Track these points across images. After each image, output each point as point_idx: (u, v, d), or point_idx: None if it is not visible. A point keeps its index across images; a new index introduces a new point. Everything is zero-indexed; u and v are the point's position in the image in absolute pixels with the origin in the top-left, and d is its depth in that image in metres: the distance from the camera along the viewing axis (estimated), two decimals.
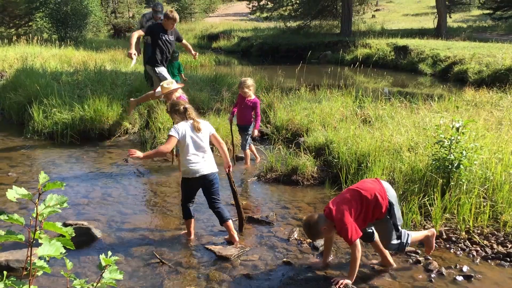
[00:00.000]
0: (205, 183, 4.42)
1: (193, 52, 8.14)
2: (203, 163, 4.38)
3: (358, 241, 3.64)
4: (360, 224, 3.69)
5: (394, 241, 3.83)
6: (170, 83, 6.02)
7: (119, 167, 6.77)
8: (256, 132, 6.80)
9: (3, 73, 15.73)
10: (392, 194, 3.82)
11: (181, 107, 4.49)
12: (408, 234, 3.89)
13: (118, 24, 39.12)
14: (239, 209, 4.76)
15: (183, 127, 4.39)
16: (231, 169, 4.73)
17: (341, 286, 3.63)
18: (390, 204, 3.73)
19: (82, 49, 20.21)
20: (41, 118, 8.30)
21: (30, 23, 27.23)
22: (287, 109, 8.54)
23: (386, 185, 3.84)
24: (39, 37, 21.10)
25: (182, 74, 9.04)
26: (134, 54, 7.31)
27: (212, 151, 4.67)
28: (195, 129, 4.38)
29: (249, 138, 6.89)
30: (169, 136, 4.34)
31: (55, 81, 10.59)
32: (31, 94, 9.17)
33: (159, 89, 6.31)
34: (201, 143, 4.39)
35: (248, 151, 6.97)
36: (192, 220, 4.59)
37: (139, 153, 4.22)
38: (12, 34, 23.84)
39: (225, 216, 4.45)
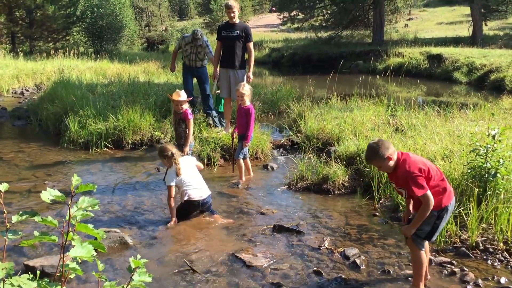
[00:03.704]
0: (203, 206, 5.23)
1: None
2: (199, 191, 5.18)
3: (430, 193, 3.39)
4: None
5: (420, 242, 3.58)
6: (181, 93, 6.33)
7: (151, 176, 6.86)
8: (246, 144, 6.52)
9: (41, 86, 16.31)
10: (453, 202, 3.61)
11: (169, 153, 5.08)
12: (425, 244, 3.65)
13: (152, 37, 40.01)
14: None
15: (174, 172, 5.06)
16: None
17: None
18: (446, 209, 3.52)
19: (117, 62, 20.74)
20: (76, 128, 8.51)
21: (67, 37, 28.19)
22: (318, 118, 8.50)
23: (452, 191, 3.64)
24: (76, 51, 21.79)
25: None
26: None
27: None
28: (177, 174, 5.05)
29: (245, 149, 6.61)
30: (169, 187, 5.05)
31: (90, 93, 10.90)
32: (67, 105, 9.43)
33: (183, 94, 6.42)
34: (190, 175, 5.18)
35: (241, 162, 6.55)
36: None
37: (172, 222, 5.06)
38: (50, 48, 24.74)
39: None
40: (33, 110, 11.10)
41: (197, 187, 5.18)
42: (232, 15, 7.49)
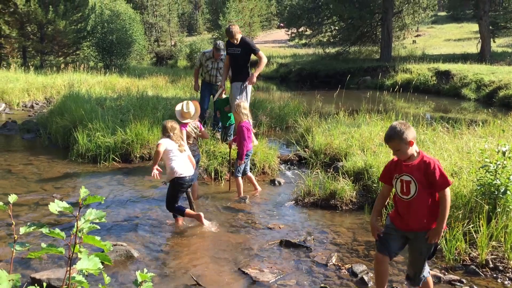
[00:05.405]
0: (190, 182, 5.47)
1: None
2: (187, 167, 5.37)
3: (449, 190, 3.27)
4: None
5: (426, 270, 3.49)
6: (190, 109, 6.07)
7: (158, 190, 6.85)
8: (240, 163, 6.42)
9: (51, 99, 16.46)
10: None
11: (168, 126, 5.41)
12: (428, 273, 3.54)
13: (161, 52, 40.45)
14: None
15: (169, 141, 5.30)
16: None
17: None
18: None
19: (126, 76, 20.92)
20: (85, 142, 8.55)
21: (77, 52, 28.51)
22: (326, 134, 8.49)
23: None
24: (86, 65, 21.99)
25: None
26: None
27: None
28: (175, 141, 5.35)
29: (242, 166, 6.50)
30: (158, 144, 5.26)
31: (99, 106, 10.97)
32: (76, 118, 9.50)
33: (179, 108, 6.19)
34: (181, 154, 5.37)
35: (239, 180, 6.48)
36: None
37: (155, 170, 5.23)
38: (61, 62, 25.00)
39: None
40: (43, 123, 11.19)
41: (185, 163, 5.36)
42: (233, 41, 7.74)
